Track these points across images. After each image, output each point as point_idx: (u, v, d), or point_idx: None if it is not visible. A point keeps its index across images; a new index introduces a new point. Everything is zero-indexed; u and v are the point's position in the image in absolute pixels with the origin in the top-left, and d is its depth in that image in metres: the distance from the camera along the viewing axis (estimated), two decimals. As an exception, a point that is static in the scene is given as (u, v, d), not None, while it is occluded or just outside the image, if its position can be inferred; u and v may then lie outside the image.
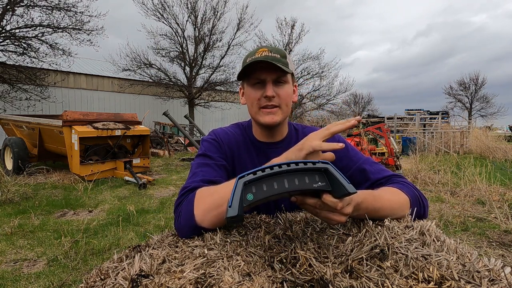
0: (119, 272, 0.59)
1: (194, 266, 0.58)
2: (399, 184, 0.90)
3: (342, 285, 0.51)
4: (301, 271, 0.54)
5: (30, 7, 10.61)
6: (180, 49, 16.48)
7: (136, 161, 7.24)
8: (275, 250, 0.63)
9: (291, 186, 0.59)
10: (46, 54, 11.57)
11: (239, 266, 0.57)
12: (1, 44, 10.77)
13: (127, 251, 0.70)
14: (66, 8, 11.05)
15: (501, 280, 0.53)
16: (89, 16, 11.62)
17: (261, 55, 0.94)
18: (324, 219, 0.65)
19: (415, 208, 0.84)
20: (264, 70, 0.94)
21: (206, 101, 17.34)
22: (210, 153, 1.00)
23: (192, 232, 0.77)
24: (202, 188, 0.83)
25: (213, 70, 17.03)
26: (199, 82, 17.24)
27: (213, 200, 0.77)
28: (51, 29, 11.20)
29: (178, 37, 16.38)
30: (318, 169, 0.60)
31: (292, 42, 18.72)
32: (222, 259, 0.60)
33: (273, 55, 0.95)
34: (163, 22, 16.01)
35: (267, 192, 0.59)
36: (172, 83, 16.25)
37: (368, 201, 0.73)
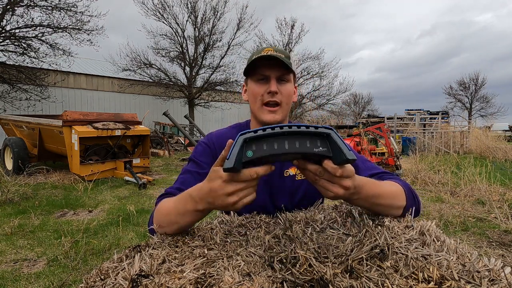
0: (119, 272, 0.59)
1: (194, 266, 0.58)
2: (392, 179, 0.92)
3: (342, 285, 0.51)
4: (301, 271, 0.54)
5: (30, 7, 10.59)
6: (180, 49, 16.48)
7: (136, 161, 7.24)
8: (275, 250, 0.63)
9: (291, 148, 0.58)
10: (46, 54, 11.55)
11: (239, 266, 0.57)
12: (1, 44, 10.76)
13: (127, 251, 0.70)
14: (66, 8, 11.05)
15: (501, 280, 0.53)
16: (89, 16, 11.62)
17: (267, 53, 0.99)
18: (322, 189, 0.65)
19: (411, 201, 0.84)
20: (269, 67, 0.99)
21: (206, 101, 17.34)
22: (198, 159, 1.04)
23: (155, 234, 0.81)
24: (162, 202, 0.85)
25: (213, 70, 17.03)
26: (199, 82, 17.23)
27: (168, 220, 0.78)
28: (51, 29, 11.19)
29: (178, 37, 16.38)
30: (321, 134, 0.59)
31: (292, 42, 18.72)
32: (222, 259, 0.61)
33: (278, 54, 0.99)
34: (163, 22, 16.02)
35: (266, 151, 0.58)
36: (172, 83, 16.25)
37: (369, 185, 0.73)
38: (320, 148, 0.59)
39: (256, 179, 0.63)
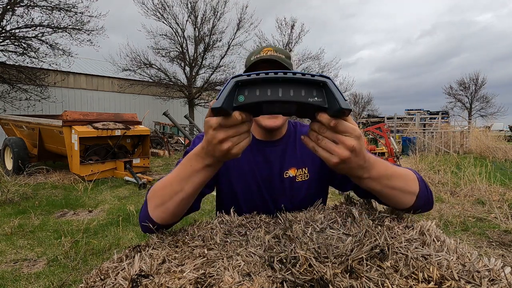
0: (119, 272, 0.59)
1: (194, 266, 0.58)
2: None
3: (342, 285, 0.51)
4: (301, 271, 0.54)
5: (30, 7, 10.60)
6: (180, 49, 16.48)
7: (136, 161, 7.25)
8: (275, 250, 0.63)
9: (285, 96, 0.55)
10: (46, 54, 11.56)
11: (239, 266, 0.57)
12: (1, 44, 10.76)
13: (127, 251, 0.70)
14: (66, 8, 11.05)
15: (501, 280, 0.53)
16: (89, 16, 11.63)
17: (266, 54, 0.96)
18: (326, 153, 0.60)
19: (423, 190, 0.80)
20: (268, 69, 0.96)
21: (206, 101, 17.34)
22: None
23: (147, 227, 0.77)
24: (156, 183, 0.81)
25: (213, 70, 17.03)
26: (199, 82, 17.24)
27: (169, 192, 0.75)
28: (51, 29, 11.20)
29: (178, 37, 16.39)
30: (317, 82, 0.56)
31: (292, 42, 18.72)
32: (222, 259, 0.60)
33: (278, 55, 0.96)
34: (163, 22, 16.02)
35: (259, 97, 0.56)
36: (172, 83, 16.25)
37: (380, 165, 0.70)
38: (316, 98, 0.56)
39: (246, 122, 0.60)
